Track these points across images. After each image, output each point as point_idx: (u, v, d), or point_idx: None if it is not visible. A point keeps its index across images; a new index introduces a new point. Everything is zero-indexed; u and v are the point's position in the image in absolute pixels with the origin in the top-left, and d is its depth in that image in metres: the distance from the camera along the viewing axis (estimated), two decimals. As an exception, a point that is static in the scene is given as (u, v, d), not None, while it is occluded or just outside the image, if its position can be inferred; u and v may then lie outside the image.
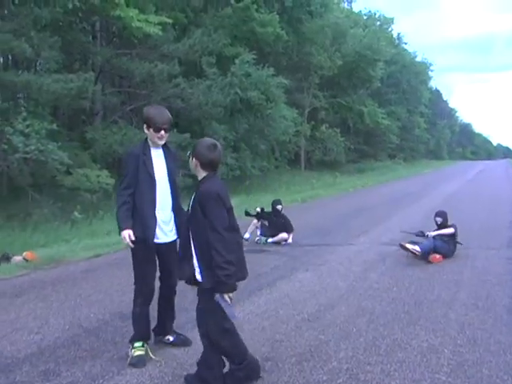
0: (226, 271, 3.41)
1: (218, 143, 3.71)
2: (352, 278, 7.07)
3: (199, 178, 3.67)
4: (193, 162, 3.65)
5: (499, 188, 23.94)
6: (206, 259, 3.51)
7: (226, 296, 3.49)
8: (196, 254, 3.62)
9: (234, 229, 3.63)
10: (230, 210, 3.60)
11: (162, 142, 4.23)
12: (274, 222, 9.87)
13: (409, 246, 8.00)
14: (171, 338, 4.50)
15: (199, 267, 3.60)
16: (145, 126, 4.22)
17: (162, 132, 4.16)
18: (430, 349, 4.54)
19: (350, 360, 4.30)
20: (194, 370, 3.88)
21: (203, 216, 3.50)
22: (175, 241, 4.25)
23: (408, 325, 5.16)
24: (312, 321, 5.26)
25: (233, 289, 3.49)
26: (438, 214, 8.66)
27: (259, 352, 4.40)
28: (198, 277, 3.60)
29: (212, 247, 3.44)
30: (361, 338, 4.79)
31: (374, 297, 6.13)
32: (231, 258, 3.45)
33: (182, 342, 4.50)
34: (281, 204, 10.16)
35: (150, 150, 4.24)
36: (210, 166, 3.62)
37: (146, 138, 4.27)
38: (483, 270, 7.52)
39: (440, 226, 8.43)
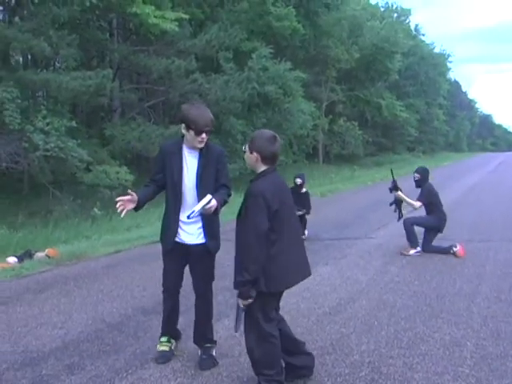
0: (240, 277, 3.34)
1: (276, 135, 3.55)
2: (372, 271, 7.04)
3: (257, 171, 3.50)
4: (252, 156, 3.47)
5: (521, 180, 23.62)
6: (237, 259, 3.47)
7: (240, 302, 3.42)
8: (235, 255, 3.53)
9: (281, 233, 3.42)
10: (277, 212, 3.36)
11: (202, 146, 3.91)
12: (294, 198, 9.53)
13: (411, 251, 7.95)
14: (199, 353, 4.18)
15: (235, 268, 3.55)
16: (183, 126, 3.89)
17: (204, 135, 3.85)
18: (453, 342, 4.51)
19: (371, 353, 4.28)
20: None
21: (245, 214, 3.40)
22: (202, 244, 4.00)
23: (430, 318, 5.13)
24: (333, 314, 5.26)
25: (244, 297, 3.36)
26: (417, 171, 8.21)
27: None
28: None
29: (242, 249, 3.38)
30: (382, 332, 4.77)
31: (394, 290, 6.10)
32: (252, 267, 3.29)
33: (201, 361, 4.09)
34: (300, 178, 9.41)
35: (182, 150, 3.98)
36: (271, 159, 3.46)
37: (183, 136, 3.98)
38: (505, 263, 7.43)
39: (418, 183, 8.09)
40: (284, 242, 3.46)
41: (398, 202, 8.06)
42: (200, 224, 3.98)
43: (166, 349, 4.19)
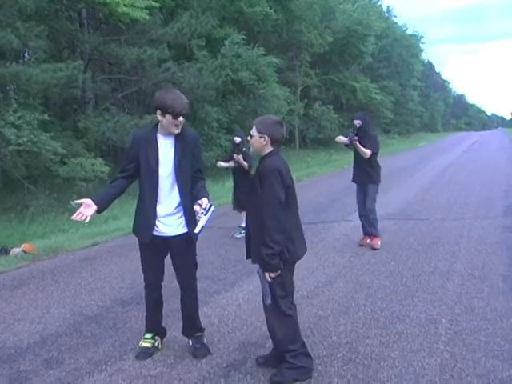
0: (270, 250, 3.40)
1: (282, 120, 3.77)
2: (349, 253, 7.12)
3: (263, 153, 3.65)
4: (263, 139, 3.59)
5: (494, 158, 24.01)
6: (258, 234, 3.52)
7: (267, 275, 3.49)
8: (251, 229, 3.66)
9: (292, 208, 3.60)
10: (289, 187, 3.55)
11: (178, 131, 3.85)
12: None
13: (379, 241, 7.44)
14: (190, 343, 4.17)
15: (251, 242, 3.66)
16: (158, 112, 3.80)
17: (181, 118, 3.80)
18: (428, 319, 4.60)
19: (349, 334, 4.35)
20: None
21: (261, 191, 3.50)
22: (183, 235, 3.93)
23: (406, 297, 5.22)
24: (311, 297, 5.32)
25: (275, 269, 3.47)
26: (357, 117, 7.45)
27: (260, 331, 4.46)
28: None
29: (263, 223, 3.44)
30: (359, 313, 4.84)
31: (371, 271, 6.19)
32: (279, 237, 3.43)
33: (195, 350, 4.09)
34: (239, 136, 8.52)
35: (156, 137, 3.90)
36: (279, 141, 3.65)
37: (157, 124, 3.92)
38: (479, 240, 7.58)
39: (359, 131, 7.25)
40: (294, 216, 3.65)
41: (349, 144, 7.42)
42: (180, 214, 3.92)
43: (149, 345, 4.13)
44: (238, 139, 8.38)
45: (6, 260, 7.68)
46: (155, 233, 3.93)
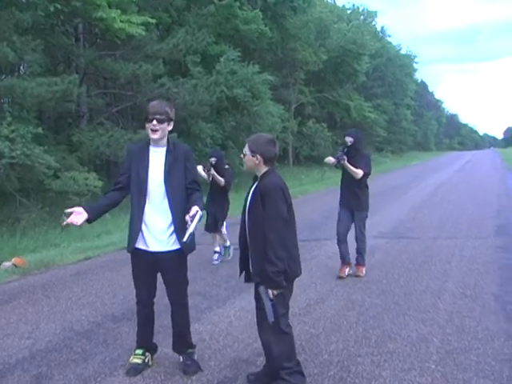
0: (274, 267, 3.40)
1: (274, 137, 3.78)
2: (342, 271, 7.10)
3: (259, 173, 3.65)
4: (256, 158, 3.59)
5: (486, 177, 24.15)
6: (260, 252, 3.51)
7: (270, 292, 3.47)
8: (250, 248, 3.65)
9: (292, 225, 3.63)
10: (289, 206, 3.59)
11: (156, 136, 3.85)
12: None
13: (364, 270, 6.95)
14: (181, 359, 4.13)
15: (252, 260, 3.65)
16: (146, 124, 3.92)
17: (155, 122, 3.81)
18: (420, 338, 4.60)
19: (340, 352, 4.34)
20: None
21: (263, 208, 3.50)
22: (175, 251, 3.90)
23: (397, 316, 5.22)
24: (302, 315, 5.31)
25: (279, 286, 3.46)
26: (349, 134, 6.89)
27: (251, 347, 4.45)
28: (251, 269, 3.67)
29: (267, 240, 3.43)
30: (351, 331, 4.84)
31: (363, 289, 6.19)
32: (284, 254, 3.44)
33: (185, 366, 4.04)
34: (215, 156, 7.88)
35: (148, 148, 3.95)
36: (272, 160, 3.64)
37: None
38: (471, 259, 7.61)
39: (350, 149, 6.69)
40: (293, 233, 3.68)
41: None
42: (172, 229, 3.89)
43: (139, 361, 4.08)
44: (213, 159, 7.74)
45: (-3, 274, 7.63)
46: (143, 247, 3.93)
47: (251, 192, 3.69)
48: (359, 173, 6.60)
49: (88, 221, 3.92)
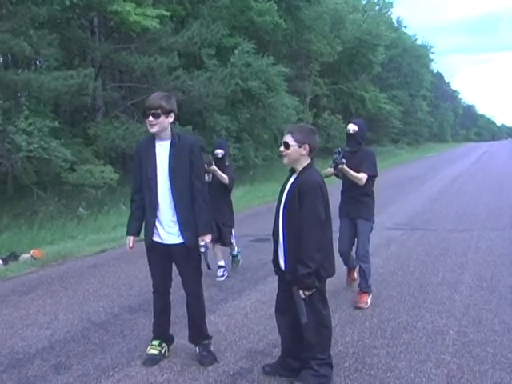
0: (307, 269, 3.35)
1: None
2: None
3: (300, 166, 3.55)
4: (301, 149, 3.51)
5: (504, 169, 23.87)
6: (293, 250, 3.46)
7: (301, 292, 3.45)
8: (284, 244, 3.57)
9: (328, 224, 3.55)
10: (326, 204, 3.50)
11: (154, 130, 3.84)
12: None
13: (369, 299, 5.46)
14: (197, 350, 4.16)
15: (284, 256, 3.58)
16: None
17: (151, 118, 3.81)
18: (436, 330, 4.59)
19: (356, 344, 4.35)
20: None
21: (299, 205, 3.43)
22: (183, 244, 3.94)
23: (413, 308, 5.21)
24: (318, 307, 5.30)
25: (310, 288, 3.42)
26: (354, 121, 5.68)
27: (266, 339, 4.47)
28: (282, 265, 3.62)
29: (301, 241, 3.38)
30: (366, 323, 4.84)
31: (379, 281, 6.17)
32: (318, 256, 3.38)
33: (202, 357, 4.07)
34: (221, 147, 6.60)
35: (154, 143, 3.94)
36: (315, 150, 3.61)
37: None
38: (487, 251, 7.55)
39: (350, 139, 5.51)
40: (331, 231, 3.62)
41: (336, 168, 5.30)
42: (176, 221, 3.95)
43: (156, 352, 4.12)
44: (220, 152, 6.49)
45: (15, 265, 7.75)
46: (158, 239, 3.99)
47: (288, 186, 3.59)
48: (362, 178, 5.31)
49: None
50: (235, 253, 7.01)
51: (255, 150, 21.90)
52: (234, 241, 6.85)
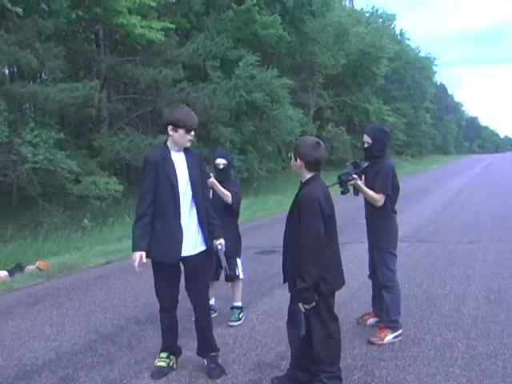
0: (304, 283, 3.38)
1: (320, 141, 3.66)
2: (363, 275, 7.03)
3: (303, 179, 3.61)
4: (297, 163, 3.57)
5: (508, 181, 23.83)
6: (293, 263, 3.52)
7: (300, 306, 3.47)
8: (284, 257, 3.67)
9: (330, 236, 3.57)
10: (329, 217, 3.53)
11: (189, 144, 4.01)
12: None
13: (370, 320, 5.17)
14: (205, 362, 4.16)
15: (286, 269, 3.68)
16: (170, 127, 3.90)
17: (193, 132, 3.96)
18: (444, 343, 4.56)
19: (364, 357, 4.33)
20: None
21: (298, 220, 3.48)
22: (201, 253, 4.01)
23: (421, 320, 5.19)
24: (325, 319, 5.28)
25: (308, 302, 3.45)
26: (367, 131, 4.87)
27: (274, 351, 4.46)
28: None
29: (299, 255, 3.42)
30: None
31: (386, 293, 6.13)
32: (314, 271, 3.40)
33: (210, 370, 4.06)
34: (223, 157, 5.35)
35: (170, 153, 3.97)
36: (315, 165, 3.56)
37: (166, 141, 4.02)
38: (494, 263, 7.52)
39: (369, 154, 4.77)
40: (335, 244, 3.66)
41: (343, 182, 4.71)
42: (199, 230, 4.01)
43: (164, 364, 4.11)
44: (221, 162, 5.28)
45: (21, 277, 7.75)
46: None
47: (293, 201, 3.65)
48: (378, 198, 4.66)
49: None
50: (238, 304, 5.48)
51: (259, 162, 21.92)
52: (242, 276, 5.47)
